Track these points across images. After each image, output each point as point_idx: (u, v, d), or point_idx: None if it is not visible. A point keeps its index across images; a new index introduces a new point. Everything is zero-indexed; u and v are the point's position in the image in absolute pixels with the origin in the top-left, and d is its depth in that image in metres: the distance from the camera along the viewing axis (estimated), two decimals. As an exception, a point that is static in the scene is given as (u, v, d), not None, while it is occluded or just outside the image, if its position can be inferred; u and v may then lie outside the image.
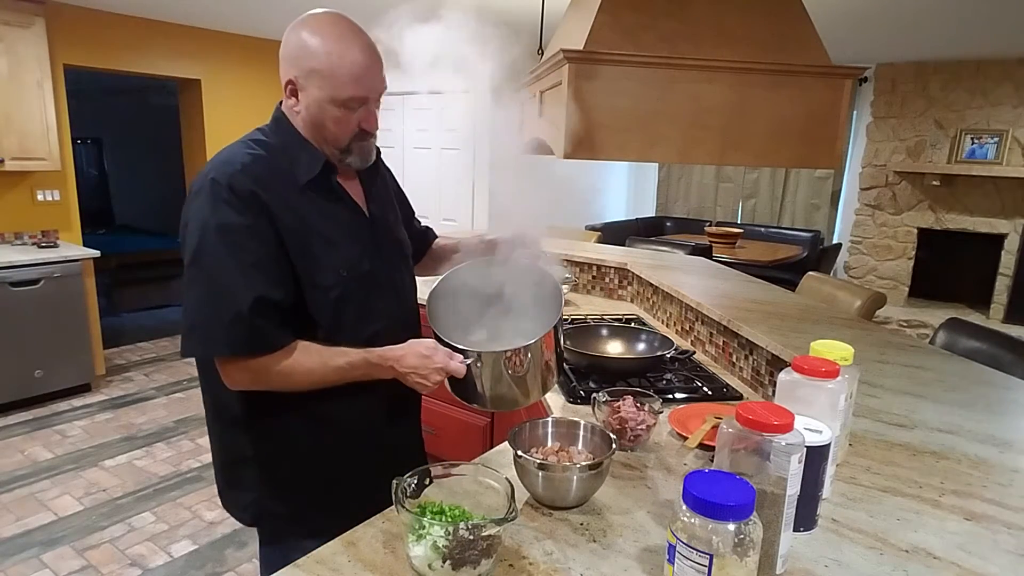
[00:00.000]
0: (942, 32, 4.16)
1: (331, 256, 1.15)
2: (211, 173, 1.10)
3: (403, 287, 1.32)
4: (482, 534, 0.84)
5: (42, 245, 3.99)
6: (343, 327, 1.16)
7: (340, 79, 1.10)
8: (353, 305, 1.18)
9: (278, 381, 1.11)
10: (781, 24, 1.54)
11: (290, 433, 1.21)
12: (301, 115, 1.16)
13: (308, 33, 1.12)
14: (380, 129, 1.24)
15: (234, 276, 1.05)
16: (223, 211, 1.06)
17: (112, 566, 2.41)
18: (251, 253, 1.07)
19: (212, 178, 1.08)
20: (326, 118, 1.13)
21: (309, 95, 1.13)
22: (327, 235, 1.15)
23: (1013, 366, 1.77)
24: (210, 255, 1.06)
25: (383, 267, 1.24)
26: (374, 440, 1.28)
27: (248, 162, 1.11)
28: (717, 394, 1.63)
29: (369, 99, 1.15)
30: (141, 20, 4.46)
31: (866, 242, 5.79)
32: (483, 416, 2.67)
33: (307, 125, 1.17)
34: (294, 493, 1.25)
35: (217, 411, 1.25)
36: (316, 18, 1.14)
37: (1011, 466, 1.13)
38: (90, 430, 3.54)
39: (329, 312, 1.15)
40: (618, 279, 2.86)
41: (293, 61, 1.13)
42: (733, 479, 0.75)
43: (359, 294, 1.18)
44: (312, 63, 1.11)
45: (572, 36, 1.59)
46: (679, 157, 1.54)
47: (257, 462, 1.24)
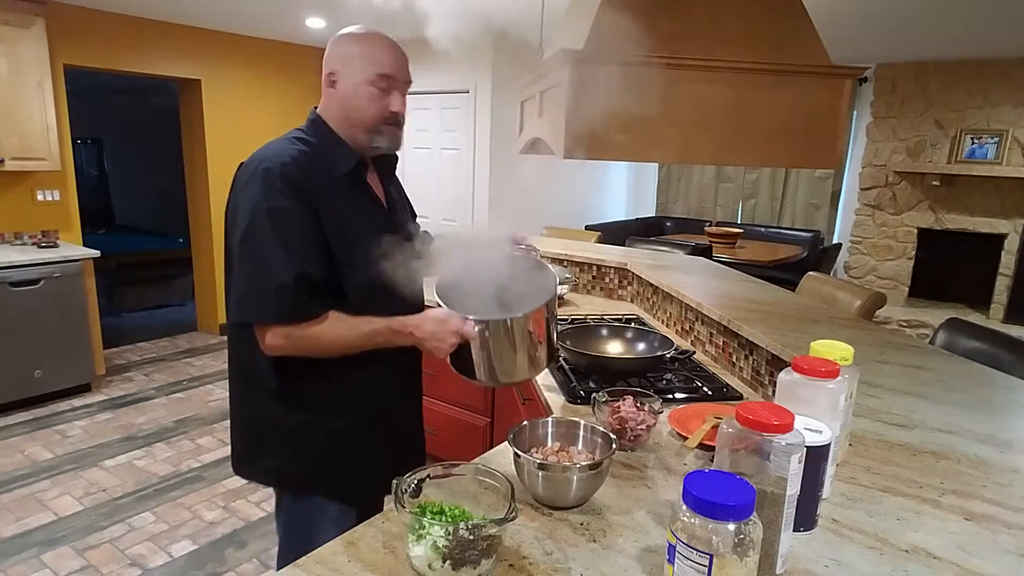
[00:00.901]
0: (942, 32, 4.15)
1: (362, 242, 1.29)
2: (263, 163, 1.24)
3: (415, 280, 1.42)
4: (482, 534, 0.84)
5: (42, 245, 3.99)
6: (371, 304, 1.30)
7: (373, 61, 1.30)
8: (378, 285, 1.29)
9: (311, 346, 1.25)
10: (781, 24, 1.53)
11: (316, 400, 1.35)
12: (338, 103, 1.33)
13: (346, 38, 1.35)
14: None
15: (281, 254, 1.20)
16: (274, 197, 1.21)
17: (112, 566, 2.41)
18: (296, 235, 1.22)
19: (265, 167, 1.23)
20: (361, 98, 1.30)
21: (347, 80, 1.31)
22: (359, 223, 1.31)
23: (1013, 366, 1.77)
24: (261, 235, 1.21)
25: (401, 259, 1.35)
26: (387, 410, 1.44)
27: (296, 155, 1.26)
28: (717, 394, 1.63)
29: (397, 80, 1.33)
30: (141, 20, 4.47)
31: (866, 242, 5.79)
32: (483, 416, 2.68)
33: (343, 112, 1.32)
34: (317, 458, 1.37)
35: (248, 380, 1.37)
36: (353, 29, 1.37)
37: (1011, 466, 1.13)
38: (90, 430, 3.54)
39: (360, 290, 1.29)
40: (618, 279, 2.86)
41: (333, 58, 1.33)
42: (733, 479, 0.75)
43: (381, 281, 1.30)
44: (349, 52, 1.31)
45: (572, 36, 1.59)
46: (679, 157, 1.54)
47: (285, 427, 1.35)
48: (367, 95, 1.30)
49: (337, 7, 3.99)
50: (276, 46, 5.30)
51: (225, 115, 5.05)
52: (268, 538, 2.60)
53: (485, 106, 4.85)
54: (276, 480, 1.44)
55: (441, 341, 1.25)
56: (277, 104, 5.39)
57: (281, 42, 5.31)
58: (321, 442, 1.36)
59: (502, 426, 2.56)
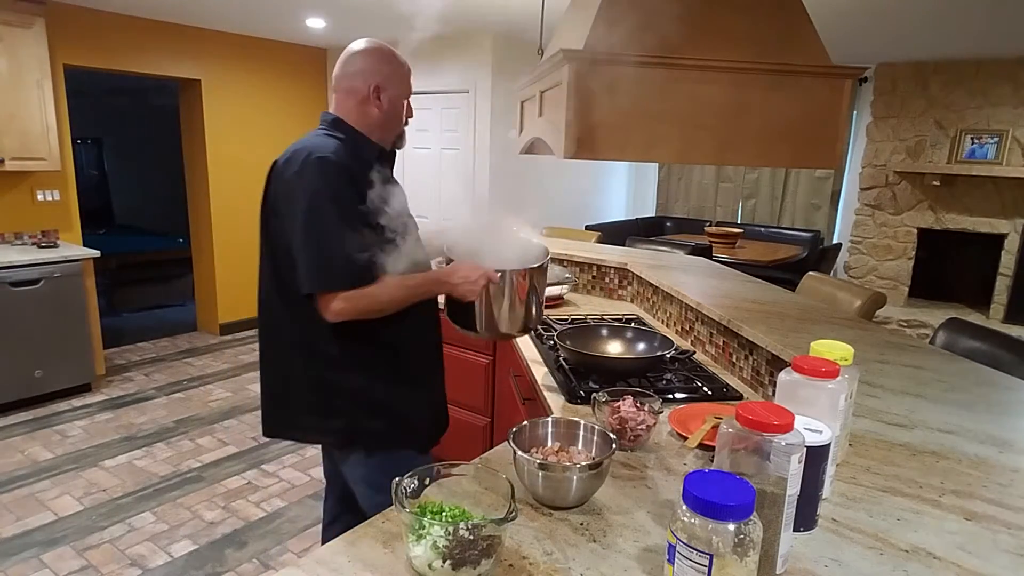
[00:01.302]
0: (942, 32, 4.16)
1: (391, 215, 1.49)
2: (314, 153, 1.44)
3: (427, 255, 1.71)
4: (482, 534, 0.84)
5: (42, 245, 3.99)
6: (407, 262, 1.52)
7: (406, 81, 1.59)
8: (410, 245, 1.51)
9: (371, 305, 1.45)
10: (781, 24, 1.53)
11: (372, 364, 1.55)
12: (381, 112, 1.56)
13: (384, 56, 1.56)
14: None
15: (343, 230, 1.41)
16: (331, 181, 1.41)
17: (112, 566, 2.41)
18: (351, 213, 1.42)
19: (318, 156, 1.43)
20: (400, 110, 1.59)
21: (391, 95, 1.55)
22: (388, 199, 1.50)
23: (1013, 366, 1.77)
24: (325, 215, 1.41)
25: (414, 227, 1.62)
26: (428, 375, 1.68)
27: (337, 146, 1.48)
28: (717, 394, 1.63)
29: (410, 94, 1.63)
30: (141, 20, 4.47)
31: (866, 242, 5.79)
32: (483, 416, 2.68)
33: (384, 120, 1.57)
34: (384, 411, 1.56)
35: (310, 351, 1.53)
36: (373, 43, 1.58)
37: (1011, 466, 1.13)
38: (90, 430, 3.54)
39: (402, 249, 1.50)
40: (618, 279, 2.86)
41: (376, 74, 1.54)
42: (733, 479, 0.75)
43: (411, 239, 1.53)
44: (392, 72, 1.55)
45: (572, 36, 1.59)
46: (679, 157, 1.54)
47: (350, 390, 1.54)
48: (403, 108, 1.60)
49: (337, 7, 3.99)
50: (276, 46, 5.30)
51: (225, 115, 5.05)
52: (268, 538, 2.60)
53: (485, 106, 4.85)
54: (345, 439, 1.59)
55: (474, 283, 1.50)
56: (277, 104, 5.39)
57: (281, 42, 5.31)
58: (381, 400, 1.55)
59: (502, 426, 2.56)
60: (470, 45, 4.80)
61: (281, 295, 1.51)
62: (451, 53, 4.88)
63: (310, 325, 1.48)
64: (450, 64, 4.90)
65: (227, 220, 5.20)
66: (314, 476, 3.10)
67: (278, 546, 2.55)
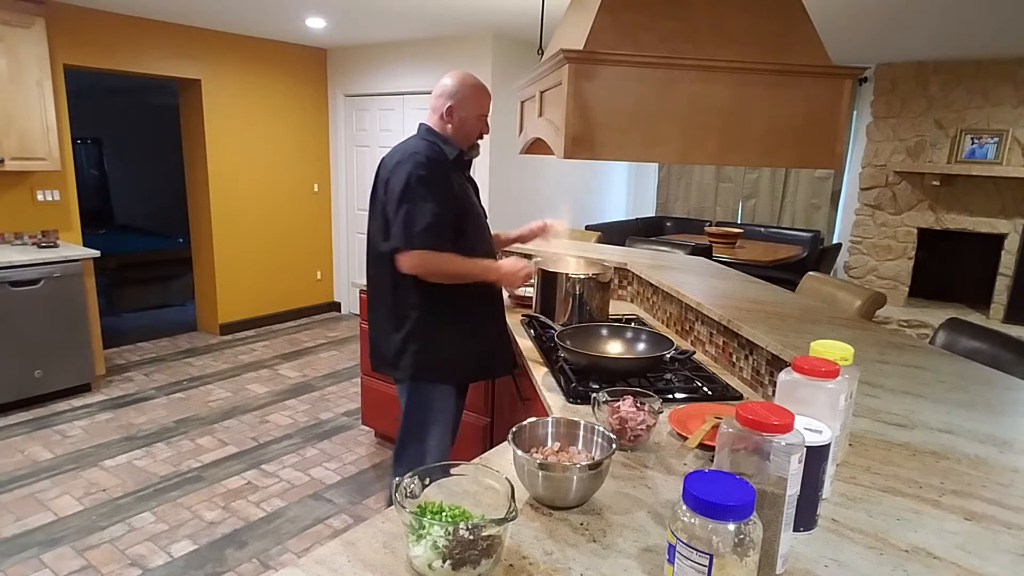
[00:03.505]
0: (942, 32, 4.16)
1: (467, 196, 2.05)
2: (410, 149, 1.95)
3: (491, 235, 2.21)
4: (482, 534, 0.84)
5: (42, 245, 3.99)
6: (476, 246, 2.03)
7: (480, 104, 2.03)
8: (480, 233, 2.08)
9: (434, 269, 1.92)
10: (781, 24, 1.53)
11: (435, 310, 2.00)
12: (452, 126, 2.01)
13: (464, 83, 2.01)
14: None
15: (427, 204, 1.88)
16: (422, 169, 1.90)
17: (112, 566, 2.41)
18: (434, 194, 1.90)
19: (413, 151, 1.93)
20: (470, 127, 2.04)
21: (461, 115, 2.00)
22: (464, 187, 2.05)
23: (1013, 366, 1.77)
24: (413, 192, 1.89)
25: (482, 213, 2.14)
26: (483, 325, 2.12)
27: (428, 146, 1.97)
28: (717, 394, 1.63)
29: (487, 114, 2.07)
30: (141, 20, 4.47)
31: (866, 242, 5.79)
32: (483, 416, 2.68)
33: (456, 132, 2.02)
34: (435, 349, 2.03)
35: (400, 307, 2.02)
36: (461, 73, 2.05)
37: (1011, 466, 1.13)
38: (90, 430, 3.54)
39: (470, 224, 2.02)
40: (618, 279, 2.86)
41: (452, 96, 2.00)
42: (733, 479, 0.75)
43: (481, 226, 2.10)
44: (466, 95, 2.01)
45: (572, 36, 1.59)
46: (679, 157, 1.54)
47: (420, 336, 2.02)
48: (473, 126, 2.04)
49: (337, 7, 3.99)
50: (276, 46, 5.30)
51: (225, 115, 5.05)
52: (268, 538, 2.60)
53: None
54: (412, 373, 2.04)
55: (514, 275, 2.02)
56: (277, 104, 5.39)
57: (281, 42, 5.31)
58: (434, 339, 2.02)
59: (502, 426, 2.56)
60: (470, 45, 4.80)
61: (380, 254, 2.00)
62: (451, 53, 4.88)
63: (396, 278, 1.97)
64: (450, 64, 4.90)
65: (227, 220, 5.20)
66: (314, 476, 3.10)
67: (278, 546, 2.55)
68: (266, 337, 5.36)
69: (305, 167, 5.65)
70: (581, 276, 2.25)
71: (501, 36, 4.75)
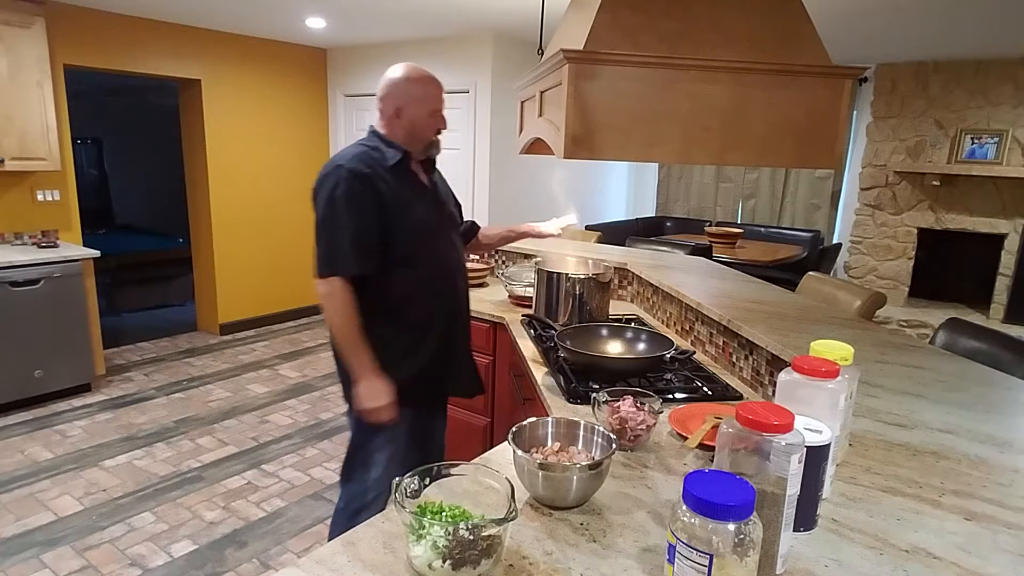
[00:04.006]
0: (942, 32, 4.16)
1: (411, 205, 1.81)
2: (336, 161, 1.75)
3: (455, 244, 1.98)
4: (482, 534, 0.84)
5: (42, 245, 3.99)
6: (418, 260, 1.81)
7: (430, 101, 1.81)
8: (424, 243, 1.84)
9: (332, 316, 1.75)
10: (781, 24, 1.53)
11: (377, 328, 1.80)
12: (403, 128, 1.81)
13: (407, 81, 1.80)
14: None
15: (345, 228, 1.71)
16: (342, 185, 1.71)
17: (112, 566, 2.41)
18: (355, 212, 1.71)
19: (336, 165, 1.73)
20: (424, 126, 1.82)
21: (410, 113, 1.80)
22: (408, 195, 1.81)
23: (1013, 366, 1.77)
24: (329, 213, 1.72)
25: (441, 221, 1.93)
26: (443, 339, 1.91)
27: (357, 154, 1.77)
28: (717, 394, 1.63)
29: (440, 109, 1.84)
30: (141, 20, 4.47)
31: (866, 242, 5.79)
32: (483, 416, 2.68)
33: (407, 134, 1.81)
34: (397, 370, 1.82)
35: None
36: (406, 67, 1.82)
37: (1011, 466, 1.13)
38: (90, 430, 3.54)
39: (411, 238, 1.79)
40: (618, 279, 2.86)
41: (398, 97, 1.79)
42: (733, 479, 0.75)
43: (427, 232, 1.85)
44: (413, 94, 1.80)
45: (572, 36, 1.59)
46: (679, 157, 1.54)
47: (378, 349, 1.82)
48: (425, 124, 1.82)
49: (337, 7, 3.99)
50: (276, 46, 5.30)
51: (225, 115, 5.05)
52: (268, 538, 2.60)
53: (485, 106, 4.85)
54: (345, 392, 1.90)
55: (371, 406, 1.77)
56: (277, 104, 5.39)
57: (281, 42, 5.31)
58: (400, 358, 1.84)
59: (502, 426, 2.56)
60: (470, 45, 4.80)
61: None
62: (451, 53, 4.88)
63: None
64: (450, 64, 4.90)
65: (227, 220, 5.20)
66: (314, 476, 3.10)
67: (278, 546, 2.55)
68: (266, 337, 5.36)
69: (305, 167, 5.65)
70: (581, 276, 2.25)
71: (501, 36, 4.75)
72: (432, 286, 1.86)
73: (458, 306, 1.96)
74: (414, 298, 1.83)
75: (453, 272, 1.93)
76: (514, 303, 2.65)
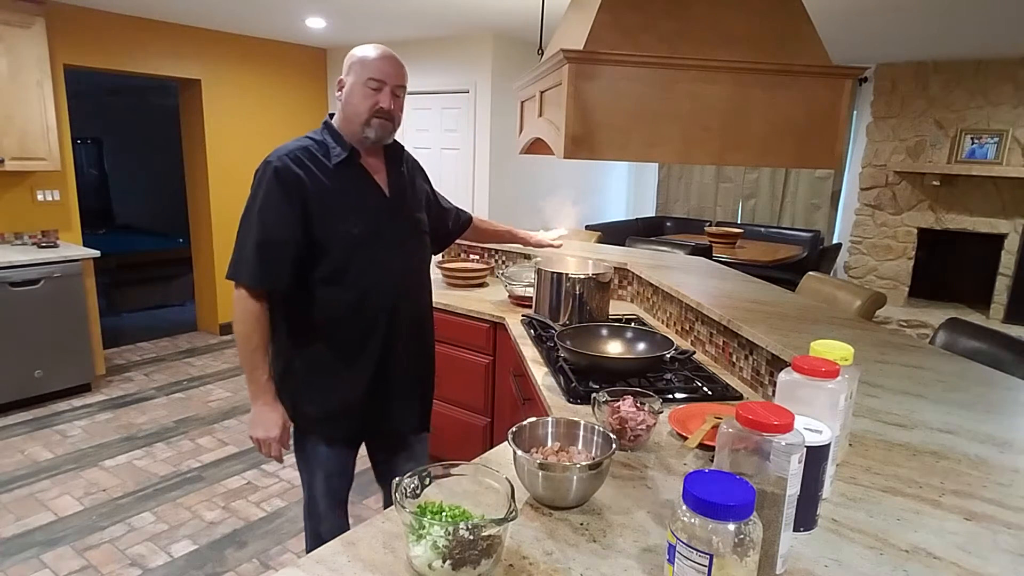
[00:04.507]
0: (942, 32, 4.16)
1: (351, 214, 1.57)
2: (269, 156, 1.54)
3: (411, 253, 1.72)
4: (482, 534, 0.84)
5: (42, 245, 3.99)
6: (349, 273, 1.57)
7: (366, 67, 1.56)
8: (360, 256, 1.57)
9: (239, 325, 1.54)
10: (781, 24, 1.54)
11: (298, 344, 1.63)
12: (341, 104, 1.58)
13: (352, 52, 1.60)
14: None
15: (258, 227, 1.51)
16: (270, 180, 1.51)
17: (112, 566, 2.41)
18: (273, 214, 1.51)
19: (265, 160, 1.53)
20: (356, 96, 1.56)
21: (348, 82, 1.57)
22: (350, 200, 1.58)
23: (1013, 366, 1.77)
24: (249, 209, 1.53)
25: (394, 232, 1.64)
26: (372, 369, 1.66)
27: (295, 148, 1.56)
28: (717, 394, 1.63)
29: (386, 83, 1.56)
30: (141, 20, 4.47)
31: (866, 242, 5.79)
32: (483, 416, 2.68)
33: (344, 109, 1.58)
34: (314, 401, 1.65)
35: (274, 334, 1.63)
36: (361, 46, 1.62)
37: (1011, 466, 1.13)
38: (90, 430, 3.54)
39: (343, 253, 1.56)
40: (618, 279, 2.86)
41: (343, 69, 1.59)
42: (733, 479, 0.75)
43: (368, 246, 1.58)
44: (351, 62, 1.58)
45: (572, 36, 1.59)
46: (679, 157, 1.54)
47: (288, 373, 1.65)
48: (361, 94, 1.55)
49: (337, 7, 3.99)
50: (276, 46, 5.30)
51: (225, 115, 5.05)
52: (268, 538, 2.60)
53: (485, 106, 4.85)
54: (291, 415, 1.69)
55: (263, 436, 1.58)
56: (277, 104, 5.39)
57: (281, 42, 5.31)
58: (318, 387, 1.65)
59: (502, 426, 2.56)
60: (470, 45, 4.80)
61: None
62: (451, 53, 4.88)
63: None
64: (450, 64, 4.90)
65: (227, 220, 5.19)
66: (314, 476, 3.10)
67: (278, 546, 2.55)
68: (266, 337, 5.35)
69: (305, 167, 5.64)
70: (581, 276, 2.25)
71: (501, 36, 4.75)
72: (363, 309, 1.60)
73: (397, 331, 1.66)
74: (338, 322, 1.59)
75: (395, 291, 1.64)
76: (514, 303, 2.65)
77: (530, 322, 2.29)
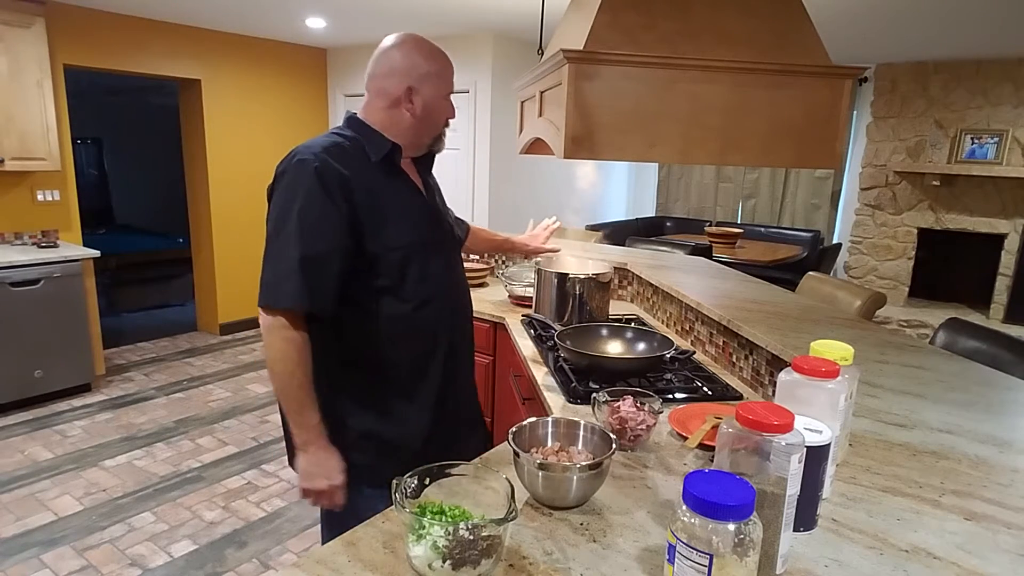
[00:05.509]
0: (942, 32, 4.16)
1: (402, 219, 1.38)
2: (297, 155, 1.31)
3: (455, 261, 1.56)
4: (482, 534, 0.84)
5: (42, 245, 3.99)
6: (406, 284, 1.37)
7: (447, 81, 1.44)
8: (415, 265, 1.38)
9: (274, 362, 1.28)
10: (781, 24, 1.53)
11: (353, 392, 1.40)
12: (415, 114, 1.40)
13: (418, 55, 1.40)
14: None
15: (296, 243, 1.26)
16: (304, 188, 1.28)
17: (112, 566, 2.41)
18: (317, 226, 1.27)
19: (298, 159, 1.30)
20: (438, 111, 1.43)
21: (425, 95, 1.39)
22: (399, 202, 1.39)
23: (1013, 366, 1.77)
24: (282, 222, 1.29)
25: (441, 239, 1.50)
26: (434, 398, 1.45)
27: (331, 145, 1.33)
28: (717, 394, 1.63)
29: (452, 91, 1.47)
30: (141, 20, 4.47)
31: (866, 242, 5.79)
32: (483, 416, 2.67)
33: (420, 122, 1.41)
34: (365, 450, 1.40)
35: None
36: (411, 38, 1.41)
37: (1011, 466, 1.13)
38: (90, 430, 3.54)
39: (396, 269, 1.35)
40: (618, 279, 2.85)
41: (406, 73, 1.38)
42: (733, 479, 0.75)
43: (420, 257, 1.39)
44: (420, 72, 1.39)
45: (572, 36, 1.59)
46: (679, 157, 1.54)
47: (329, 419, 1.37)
48: (442, 108, 1.44)
49: (337, 7, 3.99)
50: (276, 46, 5.30)
51: (225, 115, 5.05)
52: (268, 538, 2.60)
53: (485, 106, 4.85)
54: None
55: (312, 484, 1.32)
56: (277, 104, 5.39)
57: (281, 42, 5.31)
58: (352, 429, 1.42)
59: (502, 426, 2.56)
60: (470, 45, 4.80)
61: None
62: (451, 53, 4.86)
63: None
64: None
65: (227, 220, 5.20)
66: (314, 476, 3.10)
67: (278, 546, 2.55)
68: (266, 337, 5.35)
69: (305, 167, 5.65)
70: (581, 276, 2.25)
71: (501, 36, 4.75)
72: (421, 329, 1.40)
73: (458, 352, 1.50)
74: (394, 345, 1.37)
75: (452, 306, 1.48)
76: (514, 303, 2.65)
77: (530, 322, 2.29)
